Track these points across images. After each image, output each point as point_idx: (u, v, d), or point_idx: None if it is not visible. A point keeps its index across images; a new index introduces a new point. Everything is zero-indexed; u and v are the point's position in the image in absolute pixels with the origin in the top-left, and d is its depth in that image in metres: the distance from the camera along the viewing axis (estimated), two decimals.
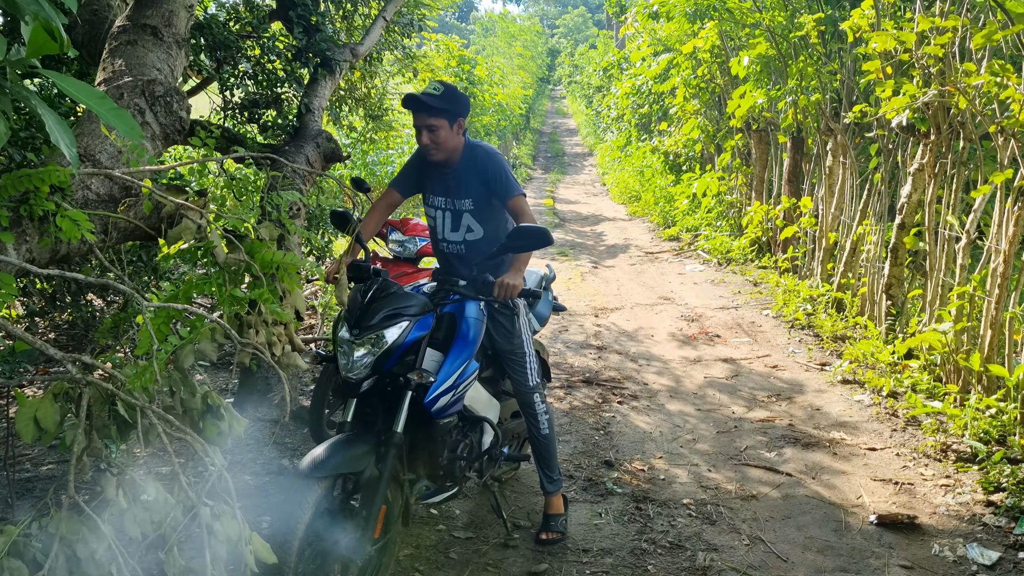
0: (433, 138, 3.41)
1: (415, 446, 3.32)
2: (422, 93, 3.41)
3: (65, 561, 2.15)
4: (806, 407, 5.54)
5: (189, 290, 2.16)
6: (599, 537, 3.84)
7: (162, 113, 2.67)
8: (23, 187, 2.15)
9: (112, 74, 2.73)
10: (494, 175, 3.49)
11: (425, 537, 3.79)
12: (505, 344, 3.60)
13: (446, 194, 3.58)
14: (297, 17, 6.40)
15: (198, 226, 2.23)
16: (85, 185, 2.45)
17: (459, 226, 3.60)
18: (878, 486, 4.36)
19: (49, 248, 2.36)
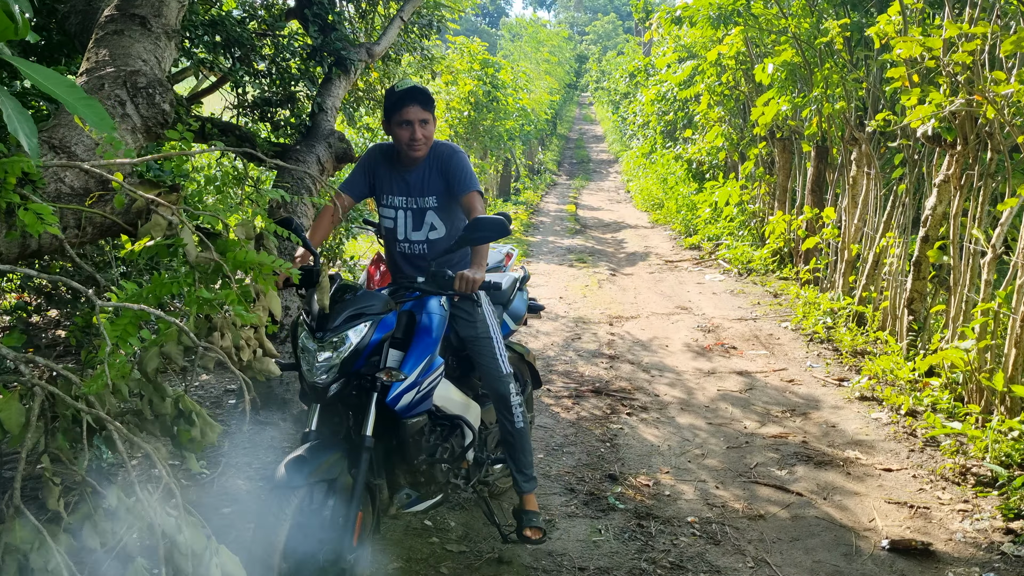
0: (424, 132, 3.41)
1: (390, 452, 3.21)
2: (417, 87, 3.39)
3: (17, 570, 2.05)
4: (821, 424, 5.36)
5: (155, 290, 2.05)
6: (597, 555, 3.70)
7: (144, 105, 2.58)
8: None
9: (95, 64, 2.65)
10: (456, 169, 3.46)
11: (416, 549, 3.67)
12: (469, 330, 3.51)
13: (406, 193, 3.53)
14: (313, 15, 6.34)
15: (169, 222, 2.12)
16: (58, 178, 2.36)
17: (421, 224, 3.53)
18: (892, 509, 4.18)
19: (18, 243, 2.27)
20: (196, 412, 2.35)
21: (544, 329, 7.77)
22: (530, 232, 14.48)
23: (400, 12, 7.13)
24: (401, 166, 3.54)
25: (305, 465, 2.80)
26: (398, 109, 3.36)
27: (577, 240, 13.79)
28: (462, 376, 3.75)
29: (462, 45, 13.92)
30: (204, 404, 5.26)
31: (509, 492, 4.26)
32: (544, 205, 18.86)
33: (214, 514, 3.83)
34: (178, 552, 2.14)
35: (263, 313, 2.20)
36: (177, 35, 2.93)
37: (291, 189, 5.30)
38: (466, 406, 3.55)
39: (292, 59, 6.33)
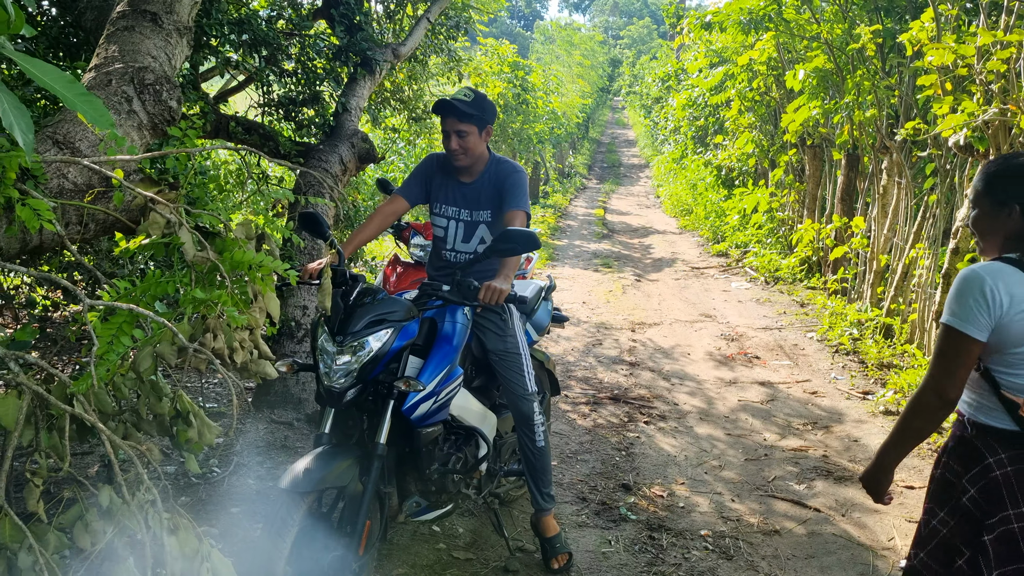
0: (462, 143, 3.34)
1: (402, 459, 3.16)
2: (453, 98, 3.32)
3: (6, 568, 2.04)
4: (843, 438, 5.25)
5: (148, 288, 2.03)
6: (605, 567, 3.63)
7: (151, 102, 2.56)
8: None
9: (104, 60, 2.64)
10: (512, 186, 3.39)
11: (423, 556, 3.62)
12: (498, 343, 3.45)
13: (461, 204, 3.49)
14: (340, 15, 6.35)
15: (167, 221, 2.10)
16: (61, 174, 2.34)
17: (472, 237, 3.48)
18: (912, 528, 4.06)
19: (18, 239, 2.25)
20: (194, 412, 2.33)
21: (565, 334, 7.71)
22: (557, 236, 14.41)
23: (427, 13, 7.11)
24: (459, 177, 3.51)
25: (315, 471, 2.75)
26: (440, 119, 3.36)
27: (604, 245, 13.71)
28: (480, 386, 3.70)
29: (492, 47, 13.90)
30: (220, 402, 5.27)
31: (519, 500, 4.21)
32: (572, 209, 18.79)
33: (222, 513, 3.81)
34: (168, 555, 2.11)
35: (260, 314, 2.16)
36: (189, 32, 2.91)
37: (312, 188, 5.29)
38: (483, 417, 3.50)
39: (318, 59, 6.33)
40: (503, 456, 3.82)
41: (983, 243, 2.36)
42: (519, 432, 3.54)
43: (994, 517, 2.21)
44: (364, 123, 7.49)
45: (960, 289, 2.18)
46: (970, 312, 2.16)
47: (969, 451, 2.31)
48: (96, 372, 1.76)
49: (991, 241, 2.32)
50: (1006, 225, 2.26)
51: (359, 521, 2.85)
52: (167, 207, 2.11)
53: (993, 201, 2.28)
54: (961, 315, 2.17)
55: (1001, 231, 2.28)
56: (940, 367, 2.22)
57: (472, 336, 3.48)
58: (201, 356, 1.93)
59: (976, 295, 2.15)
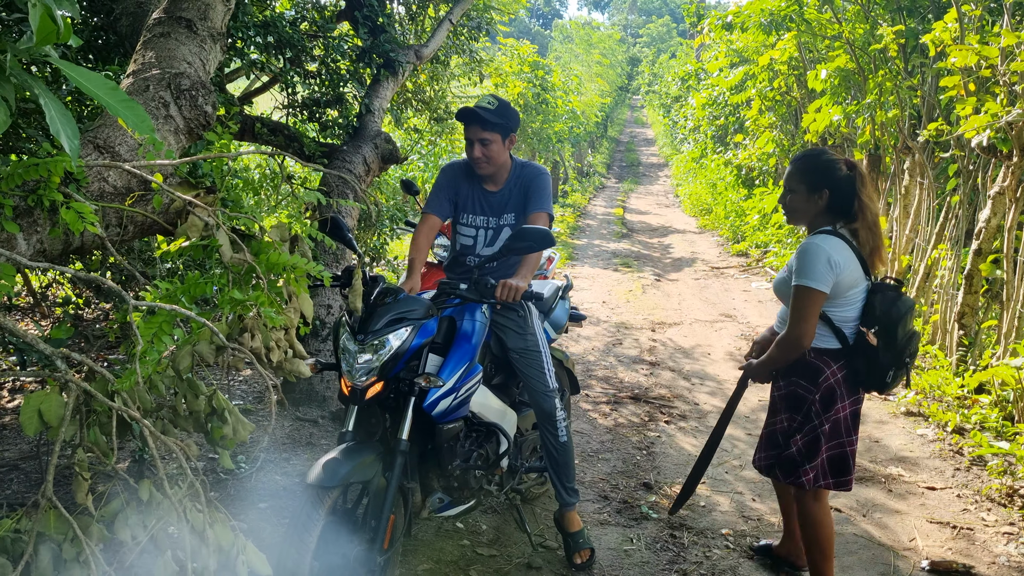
0: (485, 152, 3.37)
1: (424, 456, 3.22)
2: (477, 106, 3.36)
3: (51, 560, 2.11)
4: (864, 438, 5.26)
5: (189, 289, 2.09)
6: (627, 564, 3.67)
7: (187, 107, 2.63)
8: (32, 176, 2.12)
9: (141, 66, 2.71)
10: (537, 189, 3.44)
11: (447, 552, 3.68)
12: (518, 342, 3.49)
13: (488, 212, 3.54)
14: (363, 18, 6.41)
15: (205, 223, 2.16)
16: (102, 177, 2.41)
17: (496, 240, 3.53)
18: (934, 529, 4.09)
19: (61, 240, 2.33)
20: (228, 410, 2.39)
21: (585, 334, 7.75)
22: (576, 235, 14.44)
23: (449, 15, 7.17)
24: (485, 186, 3.54)
25: (340, 466, 2.81)
26: (464, 127, 3.40)
27: (623, 244, 13.72)
28: (500, 383, 3.75)
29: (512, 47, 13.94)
30: (247, 399, 5.35)
31: (542, 497, 4.26)
32: (591, 208, 18.81)
33: (251, 509, 3.89)
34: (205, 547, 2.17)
35: (295, 315, 2.22)
36: (222, 37, 2.98)
37: (336, 190, 5.36)
38: (503, 413, 3.54)
39: (341, 60, 6.40)
40: (524, 453, 3.86)
41: (793, 217, 3.11)
42: (541, 428, 3.59)
43: (830, 411, 3.07)
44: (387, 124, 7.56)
45: (811, 258, 2.91)
46: (821, 275, 2.90)
47: (811, 370, 3.09)
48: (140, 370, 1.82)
49: (802, 216, 3.08)
50: (817, 204, 3.02)
51: (383, 516, 2.91)
52: (205, 210, 2.17)
53: (809, 186, 3.02)
54: (816, 277, 2.90)
55: (813, 209, 3.03)
56: (801, 324, 2.97)
57: (492, 335, 3.53)
58: (240, 355, 1.99)
59: (824, 261, 2.89)
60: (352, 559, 2.89)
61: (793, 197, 3.07)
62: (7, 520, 2.14)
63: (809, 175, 3.03)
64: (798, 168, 3.07)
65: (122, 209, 2.42)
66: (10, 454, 4.20)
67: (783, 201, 3.13)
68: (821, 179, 2.99)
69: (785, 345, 3.05)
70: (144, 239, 4.26)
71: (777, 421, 3.25)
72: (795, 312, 2.97)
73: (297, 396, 5.20)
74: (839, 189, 2.98)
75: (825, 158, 3.06)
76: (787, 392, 3.18)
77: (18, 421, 4.56)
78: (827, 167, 3.01)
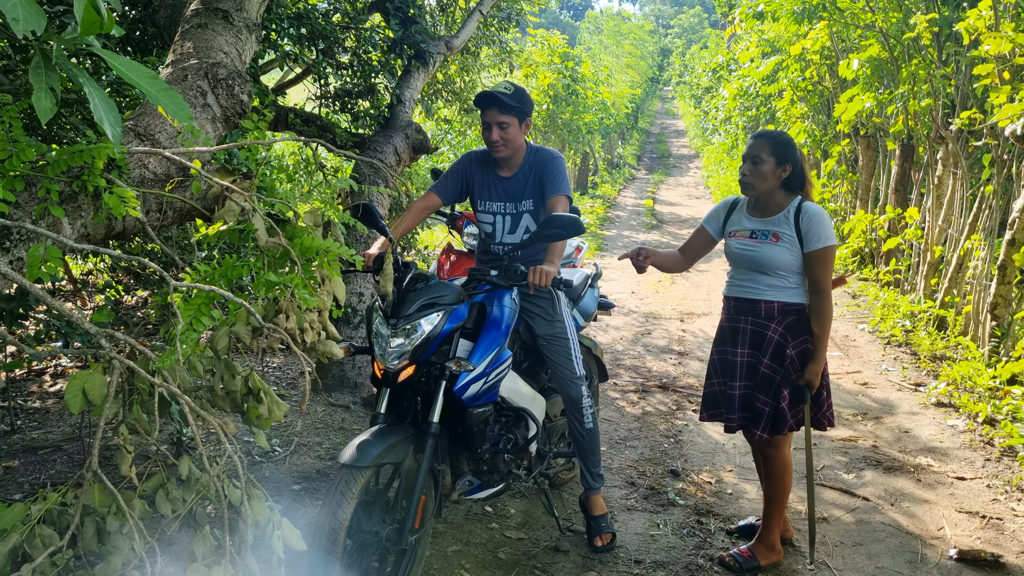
0: (503, 135, 3.41)
1: (455, 440, 3.28)
2: (494, 90, 3.40)
3: (95, 532, 2.19)
4: (894, 429, 5.24)
5: (226, 272, 2.16)
6: (654, 549, 3.71)
7: (224, 96, 2.69)
8: (77, 162, 2.19)
9: (180, 56, 2.78)
10: (552, 173, 3.47)
11: (476, 534, 3.74)
12: (547, 328, 3.53)
13: (505, 199, 3.57)
14: (395, 9, 6.47)
15: (241, 208, 2.23)
16: (143, 164, 2.48)
17: (517, 227, 3.57)
18: (963, 519, 4.08)
19: (104, 224, 2.40)
20: (264, 390, 2.46)
21: (614, 323, 7.77)
22: (605, 226, 14.44)
23: (479, 5, 7.21)
24: (499, 172, 3.59)
25: (372, 447, 2.87)
26: (481, 111, 3.44)
27: (653, 235, 13.69)
28: (529, 368, 3.79)
29: (542, 38, 13.94)
30: (280, 385, 5.44)
31: (570, 483, 4.31)
32: (621, 199, 18.77)
33: (285, 490, 3.97)
34: (242, 522, 2.25)
35: (327, 297, 2.28)
36: (258, 28, 3.04)
37: (367, 178, 5.43)
38: (532, 399, 3.59)
39: (373, 51, 6.46)
40: (552, 439, 3.91)
41: (754, 187, 3.33)
42: (568, 414, 3.63)
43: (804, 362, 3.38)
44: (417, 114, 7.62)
45: (828, 221, 3.28)
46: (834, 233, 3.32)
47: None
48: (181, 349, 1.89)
49: (763, 186, 3.31)
50: (779, 177, 3.30)
51: (414, 496, 2.97)
52: (242, 195, 2.24)
53: (777, 159, 3.27)
54: (833, 237, 3.29)
55: (775, 181, 3.31)
56: (829, 283, 3.31)
57: (521, 321, 3.58)
58: (275, 336, 2.05)
59: (830, 222, 3.31)
60: (384, 538, 2.96)
61: (763, 167, 3.31)
62: (54, 494, 2.23)
63: (779, 149, 3.31)
64: (769, 143, 3.33)
65: (162, 195, 2.49)
66: (53, 436, 4.33)
67: (746, 170, 3.37)
68: (786, 154, 3.30)
69: (827, 310, 3.31)
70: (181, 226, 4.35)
71: (757, 381, 3.44)
72: (827, 272, 3.28)
73: (329, 382, 5.29)
74: (796, 165, 3.32)
75: (788, 138, 3.38)
76: (802, 350, 3.38)
77: (60, 405, 4.70)
78: (791, 144, 3.34)
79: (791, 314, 3.37)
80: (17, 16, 1.76)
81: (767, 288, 3.40)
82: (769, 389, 3.40)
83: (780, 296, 3.37)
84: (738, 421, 3.50)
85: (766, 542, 3.60)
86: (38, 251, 2.05)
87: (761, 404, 3.41)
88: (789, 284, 3.37)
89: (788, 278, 3.37)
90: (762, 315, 3.41)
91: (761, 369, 3.40)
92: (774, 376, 3.39)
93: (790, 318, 3.37)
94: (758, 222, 3.41)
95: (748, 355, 3.45)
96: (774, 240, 3.34)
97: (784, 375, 3.37)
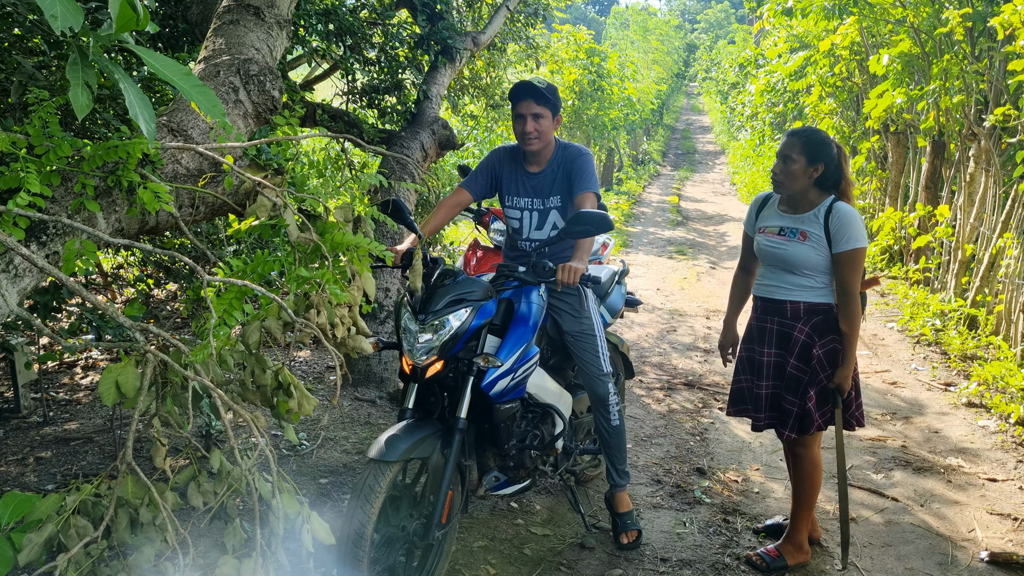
0: (537, 126, 3.40)
1: (482, 435, 3.28)
2: (531, 82, 3.41)
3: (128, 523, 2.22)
4: (924, 429, 5.19)
5: (258, 267, 2.18)
6: (680, 547, 3.70)
7: (255, 92, 2.71)
8: (112, 157, 2.22)
9: (212, 52, 2.80)
10: (580, 169, 3.46)
11: (502, 530, 3.75)
12: (574, 325, 3.53)
13: (533, 195, 3.56)
14: (422, 5, 6.49)
15: (273, 204, 2.24)
16: (175, 159, 2.51)
17: (544, 223, 3.56)
18: (994, 520, 4.03)
19: (137, 219, 2.43)
20: (294, 384, 2.47)
21: (640, 320, 7.75)
22: (630, 223, 14.39)
23: (506, 1, 7.21)
24: (527, 168, 3.59)
25: (400, 442, 2.89)
26: (514, 104, 3.43)
27: (678, 232, 13.64)
28: (556, 365, 3.79)
29: (568, 33, 13.91)
30: (307, 379, 5.48)
31: (596, 480, 4.30)
32: (646, 196, 18.70)
33: (312, 484, 4.00)
34: (273, 515, 2.26)
35: (358, 293, 2.29)
36: (288, 24, 3.06)
37: (394, 174, 5.45)
38: (559, 395, 3.59)
39: (400, 47, 6.48)
40: (579, 435, 3.91)
41: (786, 186, 3.32)
42: (595, 411, 3.63)
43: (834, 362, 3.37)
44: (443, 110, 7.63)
45: (860, 222, 3.24)
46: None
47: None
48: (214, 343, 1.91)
49: (796, 185, 3.30)
50: (812, 176, 3.28)
51: (441, 491, 2.98)
52: (273, 191, 2.25)
53: (809, 158, 3.25)
54: (865, 238, 3.24)
55: (807, 180, 3.29)
56: (858, 278, 3.26)
57: (548, 317, 3.58)
58: (306, 331, 2.06)
59: (861, 224, 3.26)
60: (411, 533, 2.98)
61: (793, 167, 3.29)
62: (87, 485, 2.26)
63: (810, 147, 3.28)
64: (801, 141, 3.30)
65: (194, 190, 2.52)
66: (85, 428, 4.38)
67: (777, 168, 3.35)
68: (819, 153, 3.26)
69: (855, 312, 3.28)
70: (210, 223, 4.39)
71: (784, 381, 3.43)
72: (855, 274, 3.25)
73: (356, 377, 5.32)
74: (831, 164, 3.28)
75: (822, 135, 3.34)
76: (829, 350, 3.36)
77: (91, 397, 4.76)
78: (824, 143, 3.29)
79: (818, 314, 3.34)
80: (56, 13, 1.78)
81: (794, 288, 3.37)
82: (796, 389, 3.38)
83: (807, 296, 3.35)
84: (765, 420, 3.50)
85: (794, 542, 3.58)
86: (74, 245, 2.07)
87: (788, 404, 3.39)
88: (816, 284, 3.34)
89: (815, 277, 3.33)
90: (788, 315, 3.39)
91: (788, 369, 3.38)
92: (801, 376, 3.36)
93: (817, 318, 3.34)
94: (788, 219, 3.37)
95: (775, 355, 3.44)
96: (801, 239, 3.31)
97: (811, 375, 3.35)
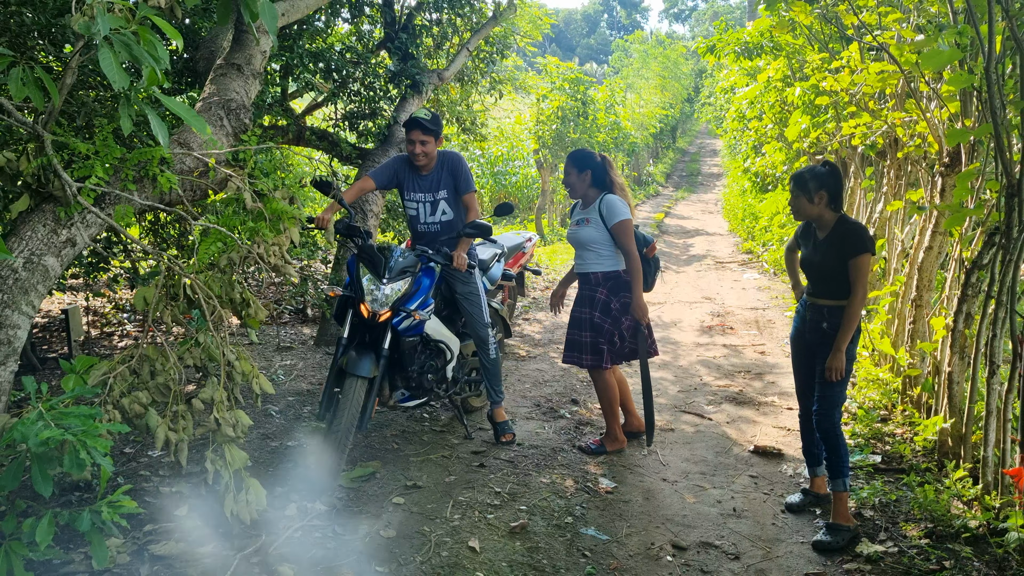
0: (424, 149, 4.89)
1: (392, 362, 4.77)
2: (418, 117, 4.88)
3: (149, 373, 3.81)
4: (766, 381, 6.66)
5: (227, 221, 3.78)
6: (535, 439, 5.23)
7: (234, 120, 4.33)
8: (143, 158, 3.84)
9: (207, 95, 4.43)
10: (461, 172, 4.98)
11: (412, 428, 5.30)
12: (464, 288, 5.07)
13: (426, 190, 5.05)
14: (395, 48, 8.13)
15: (237, 187, 3.85)
16: (181, 161, 4.12)
17: (435, 211, 5.09)
18: (776, 431, 5.51)
19: (157, 196, 4.05)
20: (251, 300, 4.07)
21: None
22: None
23: (466, 43, 8.83)
24: (420, 172, 5.06)
25: (364, 363, 4.40)
26: (407, 132, 4.91)
27: None
28: (448, 316, 5.33)
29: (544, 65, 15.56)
30: (293, 344, 7.07)
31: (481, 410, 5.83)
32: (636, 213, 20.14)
33: (283, 400, 5.57)
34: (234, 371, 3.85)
35: (285, 239, 3.88)
36: (260, 75, 4.69)
37: None
38: (449, 337, 5.14)
39: (377, 81, 8.12)
40: (464, 369, 5.43)
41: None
42: (478, 348, 5.17)
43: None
44: None
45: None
46: None
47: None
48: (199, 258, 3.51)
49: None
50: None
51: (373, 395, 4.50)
52: (237, 178, 3.86)
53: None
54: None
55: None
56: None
57: (443, 281, 5.12)
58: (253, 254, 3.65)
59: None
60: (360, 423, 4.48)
61: (571, 178, 4.84)
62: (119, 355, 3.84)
63: (576, 162, 4.80)
64: (570, 159, 4.83)
65: (192, 180, 4.13)
66: None
67: (567, 182, 4.89)
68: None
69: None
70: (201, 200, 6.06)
71: (600, 330, 4.87)
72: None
73: (329, 339, 6.91)
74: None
75: (585, 152, 4.87)
76: (622, 304, 4.87)
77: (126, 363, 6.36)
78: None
79: (610, 280, 4.87)
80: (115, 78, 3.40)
81: (590, 262, 4.92)
82: (602, 333, 4.89)
83: (600, 267, 4.86)
84: (588, 360, 4.96)
85: (609, 435, 5.09)
86: (121, 208, 3.69)
87: (602, 344, 4.89)
88: (604, 255, 4.85)
89: (601, 251, 4.84)
90: (592, 282, 4.92)
91: (595, 321, 4.90)
92: (603, 324, 4.88)
93: (611, 282, 4.87)
94: (581, 212, 4.93)
95: (589, 312, 4.92)
96: (586, 223, 4.87)
97: (612, 322, 4.86)
